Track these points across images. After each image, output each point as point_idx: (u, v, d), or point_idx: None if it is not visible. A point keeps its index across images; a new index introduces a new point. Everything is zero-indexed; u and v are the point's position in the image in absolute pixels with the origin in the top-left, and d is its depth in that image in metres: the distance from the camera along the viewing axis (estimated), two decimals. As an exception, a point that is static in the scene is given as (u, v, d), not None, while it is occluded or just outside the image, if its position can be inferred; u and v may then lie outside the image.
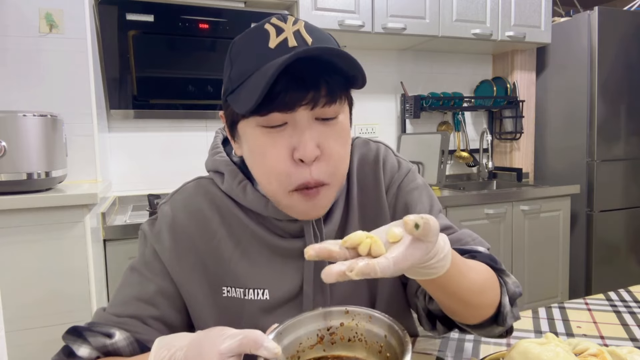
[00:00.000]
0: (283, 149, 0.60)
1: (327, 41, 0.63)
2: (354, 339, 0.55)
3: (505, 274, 0.70)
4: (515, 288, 0.69)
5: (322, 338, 0.55)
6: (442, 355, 0.75)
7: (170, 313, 0.70)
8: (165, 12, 1.92)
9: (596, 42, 2.53)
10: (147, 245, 0.73)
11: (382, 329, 0.53)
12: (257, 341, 0.47)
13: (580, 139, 2.65)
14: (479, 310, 0.65)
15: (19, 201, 1.31)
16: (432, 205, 0.77)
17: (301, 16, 2.12)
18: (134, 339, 0.66)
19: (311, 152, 0.59)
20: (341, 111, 0.63)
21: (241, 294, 0.70)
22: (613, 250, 2.65)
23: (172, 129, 2.23)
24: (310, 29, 0.62)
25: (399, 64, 2.77)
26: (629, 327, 0.84)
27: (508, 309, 0.67)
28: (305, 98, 0.58)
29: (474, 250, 0.71)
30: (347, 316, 0.55)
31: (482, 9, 2.51)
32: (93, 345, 0.63)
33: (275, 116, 0.58)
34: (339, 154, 0.62)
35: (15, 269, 1.33)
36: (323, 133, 0.61)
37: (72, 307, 1.38)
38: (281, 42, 0.59)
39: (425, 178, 2.42)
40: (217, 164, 0.73)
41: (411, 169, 0.80)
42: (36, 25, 1.58)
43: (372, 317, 0.54)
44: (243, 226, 0.71)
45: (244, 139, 0.64)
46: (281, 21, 0.62)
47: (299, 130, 0.59)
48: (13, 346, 1.32)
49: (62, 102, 1.61)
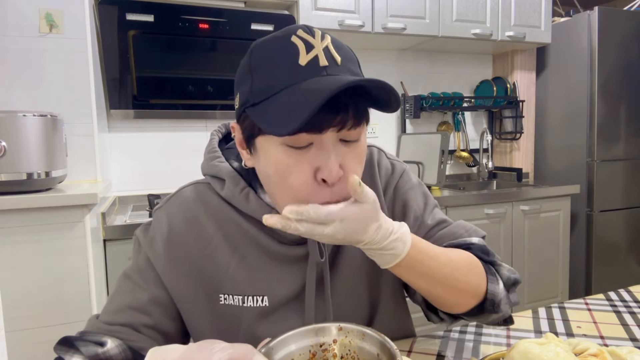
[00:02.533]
0: (307, 169, 0.59)
1: (351, 60, 0.63)
2: (347, 356, 0.55)
3: (497, 264, 0.73)
4: (510, 274, 0.73)
5: (314, 355, 0.55)
6: (442, 355, 0.75)
7: (164, 321, 0.70)
8: (165, 12, 1.92)
9: (596, 42, 2.53)
10: (140, 252, 0.73)
11: (375, 347, 0.53)
12: (246, 356, 0.47)
13: (580, 139, 2.65)
14: (462, 295, 0.68)
15: (19, 201, 1.31)
16: (427, 202, 0.80)
17: (301, 16, 2.12)
18: (126, 347, 0.65)
19: (337, 174, 0.58)
20: (363, 133, 0.63)
21: (239, 301, 0.70)
22: (613, 250, 2.65)
23: (172, 129, 2.23)
24: (338, 46, 0.62)
25: (399, 64, 2.77)
26: (629, 327, 0.84)
27: (502, 295, 0.70)
28: (334, 121, 0.57)
29: (466, 244, 0.73)
30: (340, 333, 0.55)
31: (482, 9, 2.52)
32: (85, 354, 0.62)
33: (303, 137, 0.58)
34: (358, 174, 0.62)
35: (15, 269, 1.33)
36: (346, 154, 0.61)
37: (72, 307, 1.38)
38: (312, 60, 0.58)
39: (425, 178, 2.42)
40: (216, 170, 0.72)
41: (405, 170, 0.82)
42: (36, 25, 1.58)
43: (365, 335, 0.54)
44: (242, 232, 0.71)
45: (263, 154, 0.62)
46: (309, 35, 0.60)
47: (324, 151, 0.59)
48: (13, 346, 1.32)
49: (62, 102, 1.61)
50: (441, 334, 0.83)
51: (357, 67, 0.64)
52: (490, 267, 0.73)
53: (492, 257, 0.74)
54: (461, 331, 0.84)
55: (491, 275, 0.71)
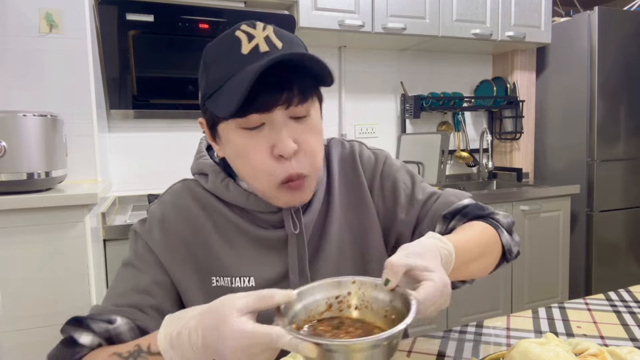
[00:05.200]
0: (263, 148, 0.66)
1: (295, 44, 0.68)
2: (361, 306, 0.57)
3: (494, 214, 0.81)
4: (508, 220, 0.81)
5: (330, 306, 0.57)
6: (442, 355, 0.75)
7: (166, 303, 0.73)
8: (165, 12, 1.92)
9: (596, 42, 2.53)
10: (138, 241, 0.76)
11: (388, 295, 0.56)
12: (271, 293, 0.50)
13: (580, 138, 2.65)
14: (490, 261, 0.76)
15: (19, 201, 1.30)
16: (414, 179, 0.86)
17: (301, 16, 2.12)
18: (134, 325, 0.67)
19: (290, 147, 0.64)
20: (312, 108, 0.69)
21: (229, 282, 0.75)
22: (613, 250, 2.65)
23: (172, 129, 2.23)
24: (280, 34, 0.67)
25: (399, 64, 2.77)
26: (629, 327, 0.84)
27: (510, 242, 0.78)
28: (280, 99, 0.63)
29: (462, 207, 0.80)
30: (354, 285, 0.58)
31: (482, 9, 2.51)
32: (95, 331, 0.64)
33: (254, 117, 0.64)
34: (314, 147, 0.69)
35: (15, 269, 1.33)
36: (298, 129, 0.67)
37: (72, 307, 1.38)
38: (253, 48, 0.64)
39: (425, 178, 2.43)
40: (201, 167, 0.78)
41: (387, 156, 0.87)
42: (36, 25, 1.58)
43: (377, 286, 0.57)
44: (227, 220, 0.76)
45: (225, 140, 0.69)
46: (251, 27, 0.66)
47: (276, 129, 0.65)
48: (13, 346, 1.32)
49: (62, 102, 1.60)
50: (441, 334, 0.83)
51: (302, 49, 0.68)
52: (492, 220, 0.79)
53: (487, 209, 0.81)
54: (461, 331, 0.84)
55: (497, 228, 0.78)
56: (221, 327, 0.47)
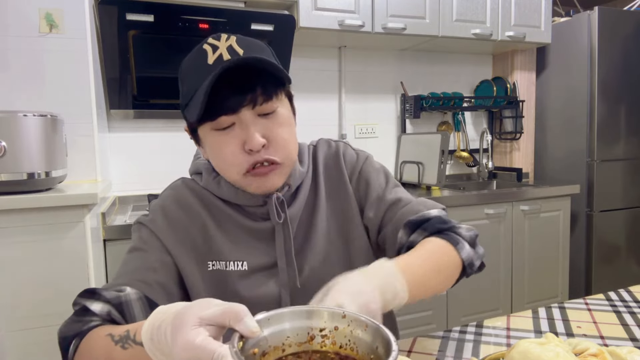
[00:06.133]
0: (235, 145, 0.72)
1: (258, 50, 0.74)
2: (346, 346, 0.53)
3: (456, 228, 0.81)
4: (471, 233, 0.81)
5: (312, 338, 0.53)
6: (442, 355, 0.75)
7: (170, 283, 0.77)
8: (165, 12, 1.91)
9: (596, 42, 2.53)
10: (142, 229, 0.81)
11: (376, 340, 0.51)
12: (239, 315, 0.47)
13: (580, 139, 2.65)
14: (449, 278, 0.76)
15: (19, 201, 1.31)
16: (388, 181, 0.89)
17: (301, 16, 2.12)
18: (143, 295, 0.72)
19: (257, 142, 0.71)
20: (279, 105, 0.75)
21: (224, 266, 0.81)
22: (613, 250, 2.65)
23: (172, 129, 2.23)
24: (243, 42, 0.74)
25: (399, 64, 2.77)
26: (629, 327, 0.84)
27: (472, 255, 0.78)
28: (245, 100, 0.70)
29: (426, 218, 0.81)
30: (343, 321, 0.53)
31: (482, 9, 2.52)
32: (107, 297, 0.69)
33: (223, 119, 0.71)
34: (284, 139, 0.75)
35: (15, 269, 1.33)
36: (267, 125, 0.73)
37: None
38: (217, 58, 0.71)
39: (425, 178, 2.43)
40: (197, 167, 0.86)
41: (368, 156, 0.92)
42: (36, 25, 1.58)
43: (367, 326, 0.52)
44: (221, 212, 0.82)
45: (204, 142, 0.77)
46: (216, 40, 0.74)
47: (245, 127, 0.72)
48: (13, 346, 1.32)
49: (62, 102, 1.60)
50: (441, 334, 0.83)
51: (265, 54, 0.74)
52: (453, 234, 0.79)
53: (450, 223, 0.82)
54: (461, 331, 0.84)
55: (457, 243, 0.78)
56: (177, 332, 0.47)
